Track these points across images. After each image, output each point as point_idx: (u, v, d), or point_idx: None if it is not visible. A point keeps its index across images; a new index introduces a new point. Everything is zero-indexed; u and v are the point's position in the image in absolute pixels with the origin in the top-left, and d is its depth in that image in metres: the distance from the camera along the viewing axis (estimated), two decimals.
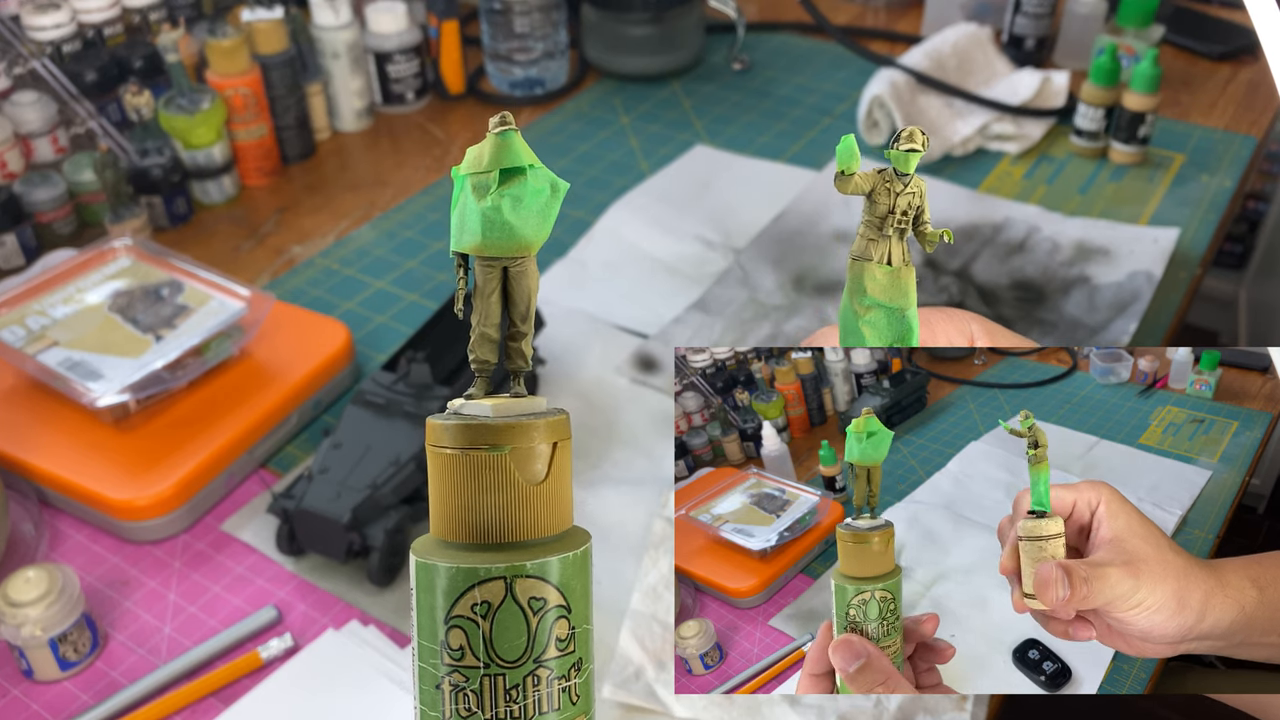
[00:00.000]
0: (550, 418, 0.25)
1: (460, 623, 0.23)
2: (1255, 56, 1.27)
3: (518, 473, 0.24)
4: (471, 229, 0.24)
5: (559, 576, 0.24)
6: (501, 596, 0.23)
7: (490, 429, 0.24)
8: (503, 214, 0.24)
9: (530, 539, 0.24)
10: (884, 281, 0.29)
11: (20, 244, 0.93)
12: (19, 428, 0.74)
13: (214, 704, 0.61)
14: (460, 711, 0.24)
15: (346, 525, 0.64)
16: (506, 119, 0.25)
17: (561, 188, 0.25)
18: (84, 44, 1.01)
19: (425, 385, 0.72)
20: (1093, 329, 0.86)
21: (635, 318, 0.89)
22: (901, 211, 0.29)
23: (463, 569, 0.23)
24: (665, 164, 1.10)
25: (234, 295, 0.80)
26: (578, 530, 0.26)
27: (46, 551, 0.70)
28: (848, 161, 0.28)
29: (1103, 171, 1.08)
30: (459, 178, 0.25)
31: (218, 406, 0.76)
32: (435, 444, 0.25)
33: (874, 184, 0.29)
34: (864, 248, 0.29)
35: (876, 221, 0.29)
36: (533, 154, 0.25)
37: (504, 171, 0.24)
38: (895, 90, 1.09)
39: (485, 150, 0.24)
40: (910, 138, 0.28)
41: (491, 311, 0.25)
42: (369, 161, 1.13)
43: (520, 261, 0.25)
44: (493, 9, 1.17)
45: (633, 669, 0.62)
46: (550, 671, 0.24)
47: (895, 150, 0.28)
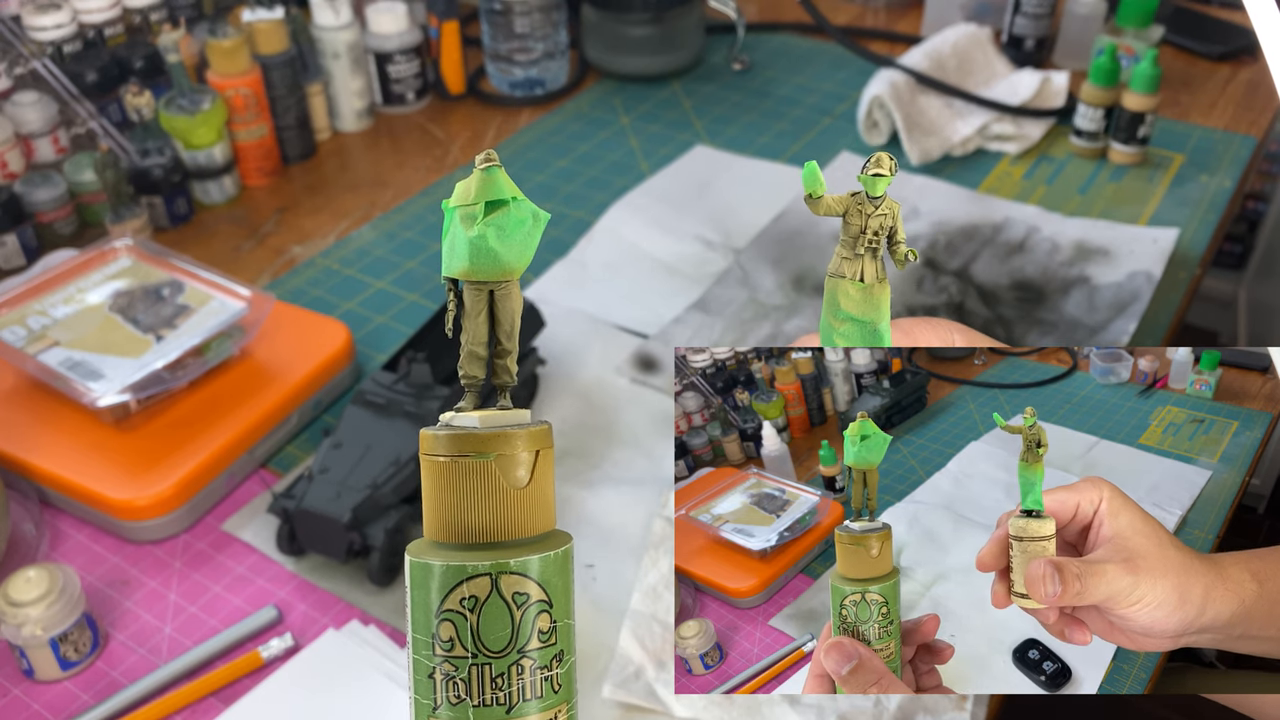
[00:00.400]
0: (532, 428, 0.27)
1: (450, 616, 0.26)
2: (1255, 57, 1.27)
3: (502, 478, 0.27)
4: (460, 255, 0.27)
5: (540, 573, 0.26)
6: (487, 592, 0.26)
7: (477, 438, 0.26)
8: (488, 242, 0.27)
9: (514, 539, 0.27)
10: (857, 297, 0.31)
11: (21, 244, 0.93)
12: (20, 428, 0.74)
13: (214, 704, 0.61)
14: (450, 699, 0.26)
15: (347, 525, 0.64)
16: (491, 156, 0.27)
17: (542, 218, 0.27)
18: (85, 44, 1.01)
19: (425, 385, 0.72)
20: (1092, 329, 0.86)
21: (635, 318, 0.89)
22: (873, 232, 0.30)
23: (452, 566, 0.26)
24: (665, 164, 1.10)
25: (234, 295, 0.80)
26: (559, 533, 0.28)
27: (47, 551, 0.70)
28: (813, 185, 0.30)
29: (1102, 172, 1.08)
30: (449, 210, 0.27)
31: (218, 406, 0.76)
32: (427, 453, 0.27)
33: (846, 206, 0.30)
34: (839, 265, 0.31)
35: (850, 241, 0.30)
36: (515, 187, 0.27)
37: (489, 204, 0.27)
38: (895, 91, 1.09)
39: (472, 184, 0.27)
40: (878, 163, 0.30)
41: (479, 331, 0.28)
42: (369, 162, 1.13)
43: (505, 285, 0.28)
44: (493, 9, 1.17)
45: (633, 669, 0.62)
46: (533, 661, 0.26)
47: (864, 175, 0.30)
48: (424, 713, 0.26)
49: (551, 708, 0.26)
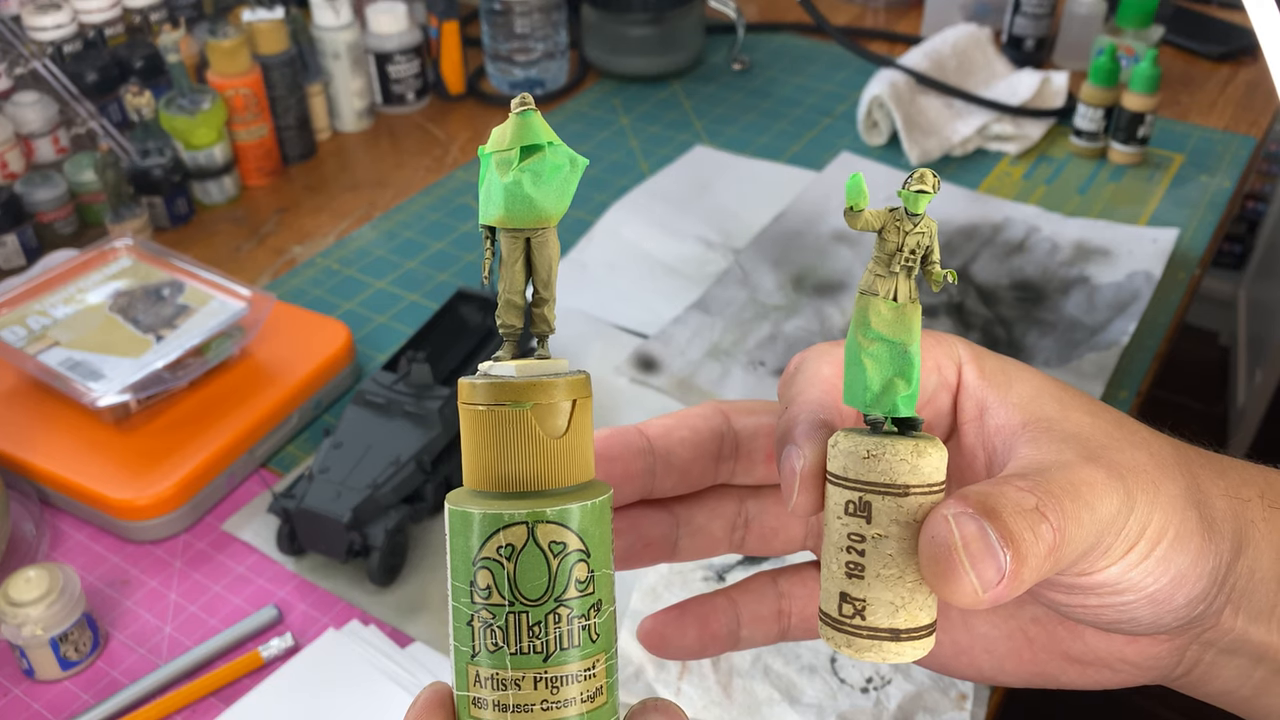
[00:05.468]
0: (570, 376, 0.27)
1: (487, 564, 0.26)
2: (1255, 57, 1.28)
3: (539, 427, 0.26)
4: (496, 203, 0.27)
5: (578, 523, 0.26)
6: (524, 540, 0.26)
7: (514, 387, 0.26)
8: (524, 188, 0.26)
9: (551, 488, 0.27)
10: (889, 317, 0.28)
11: (21, 244, 0.93)
12: (19, 428, 0.74)
13: (214, 703, 0.61)
14: (489, 646, 0.26)
15: (347, 525, 0.64)
16: (526, 100, 0.27)
17: (580, 163, 0.27)
18: (85, 44, 1.01)
19: (425, 385, 0.72)
20: (1092, 329, 0.87)
21: (635, 318, 0.89)
22: (910, 250, 0.28)
23: (489, 514, 0.26)
24: (665, 164, 1.10)
25: (235, 295, 0.80)
26: (598, 483, 0.28)
27: (47, 551, 0.70)
28: (856, 198, 0.28)
29: (1102, 172, 1.08)
30: (485, 155, 0.27)
31: (218, 406, 0.76)
32: (465, 401, 0.27)
33: (884, 222, 0.29)
34: (871, 282, 0.29)
35: (885, 258, 0.29)
36: (552, 132, 0.27)
37: (524, 149, 0.26)
38: (895, 91, 1.09)
39: (507, 130, 0.27)
40: (921, 179, 0.28)
41: (516, 279, 0.28)
42: (369, 162, 1.13)
43: (542, 233, 0.27)
44: (493, 9, 1.17)
45: (633, 669, 0.62)
46: (571, 610, 0.26)
47: (906, 190, 0.28)
48: (463, 660, 0.26)
49: (590, 657, 0.26)
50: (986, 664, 0.29)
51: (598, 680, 0.26)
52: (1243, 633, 0.26)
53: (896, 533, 0.26)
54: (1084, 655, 0.29)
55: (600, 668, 0.26)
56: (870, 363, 0.28)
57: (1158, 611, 0.24)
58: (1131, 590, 0.24)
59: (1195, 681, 0.29)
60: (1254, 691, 0.28)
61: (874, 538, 0.26)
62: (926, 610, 0.26)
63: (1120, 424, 0.25)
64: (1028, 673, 0.29)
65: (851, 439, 0.27)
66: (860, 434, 0.27)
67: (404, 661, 0.63)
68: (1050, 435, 0.25)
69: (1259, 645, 0.27)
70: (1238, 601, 0.25)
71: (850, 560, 0.26)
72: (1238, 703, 0.29)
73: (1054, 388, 0.27)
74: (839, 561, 0.27)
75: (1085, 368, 0.82)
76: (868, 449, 0.26)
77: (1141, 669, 0.29)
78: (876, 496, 0.26)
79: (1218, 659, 0.28)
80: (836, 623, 0.27)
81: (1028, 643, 0.29)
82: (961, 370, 0.29)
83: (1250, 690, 0.28)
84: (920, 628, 0.26)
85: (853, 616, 0.26)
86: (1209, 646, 0.28)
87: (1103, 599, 0.24)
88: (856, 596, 0.26)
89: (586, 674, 0.26)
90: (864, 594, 0.26)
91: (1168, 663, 0.29)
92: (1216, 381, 2.17)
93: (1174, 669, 0.29)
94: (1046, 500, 0.22)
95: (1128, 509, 0.23)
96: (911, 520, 0.26)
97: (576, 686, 0.26)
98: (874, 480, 0.26)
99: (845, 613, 0.27)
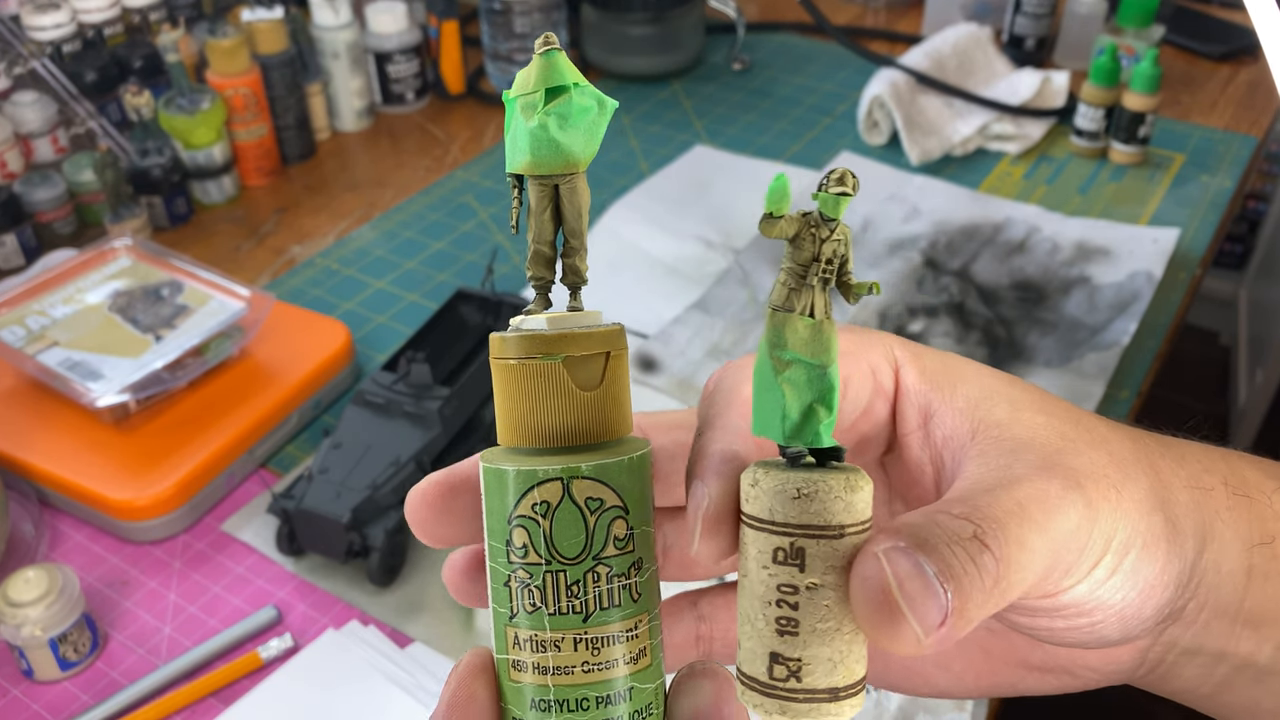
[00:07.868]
0: (604, 328, 0.26)
1: (523, 522, 0.25)
2: (1255, 56, 1.27)
3: (571, 381, 0.25)
4: (521, 149, 0.26)
5: (615, 479, 0.25)
6: (560, 496, 0.25)
7: (545, 339, 0.25)
8: (550, 132, 0.25)
9: (586, 444, 0.26)
10: (806, 335, 0.25)
11: (20, 244, 0.93)
12: (19, 428, 0.74)
13: (214, 704, 0.61)
14: (526, 607, 0.25)
15: (346, 525, 0.64)
16: (550, 39, 0.25)
17: (609, 105, 0.26)
18: (84, 44, 1.01)
19: (425, 385, 0.72)
20: (1093, 329, 0.86)
21: (635, 318, 0.89)
22: (826, 260, 0.25)
23: (523, 471, 0.25)
24: (665, 164, 1.10)
25: (234, 295, 0.80)
26: (637, 439, 0.27)
27: (46, 551, 0.70)
28: (777, 203, 0.25)
29: (1103, 171, 1.08)
30: (509, 100, 0.26)
31: (218, 406, 0.76)
32: (497, 356, 0.26)
33: (798, 228, 0.25)
34: (785, 297, 0.25)
35: (799, 269, 0.25)
36: (578, 73, 0.25)
37: (549, 90, 0.25)
38: (895, 90, 1.09)
39: (531, 72, 0.25)
40: (840, 180, 0.25)
41: (545, 228, 0.27)
42: (369, 161, 1.13)
43: (570, 179, 0.26)
44: (493, 9, 1.17)
45: None
46: (610, 569, 0.25)
47: (824, 193, 0.25)
48: (501, 621, 0.25)
49: (631, 617, 0.25)
50: (942, 680, 0.29)
51: (641, 641, 0.25)
52: (1205, 630, 0.26)
53: (833, 580, 0.23)
54: (1044, 663, 0.28)
55: (644, 629, 0.25)
56: (788, 388, 0.25)
57: (1126, 626, 0.23)
58: (1101, 609, 0.22)
59: (1157, 680, 0.28)
60: (1215, 689, 0.27)
61: (809, 588, 0.23)
62: (861, 662, 0.23)
63: (1076, 422, 0.24)
64: (987, 684, 0.29)
65: (774, 476, 0.24)
66: (780, 469, 0.24)
67: (403, 662, 0.62)
68: (1000, 445, 0.23)
69: (1221, 642, 0.26)
70: (1202, 599, 0.25)
71: (781, 615, 0.23)
72: (1199, 700, 0.28)
73: (1003, 386, 0.25)
74: (766, 618, 0.23)
75: (1086, 368, 0.82)
76: (797, 488, 0.23)
77: (1103, 673, 0.29)
78: (811, 541, 0.23)
79: (1180, 659, 0.27)
80: (767, 688, 0.23)
81: (985, 655, 0.29)
82: (899, 373, 0.26)
83: (1211, 688, 0.27)
84: (857, 682, 0.23)
85: (786, 679, 0.23)
86: (1171, 646, 0.27)
87: (1069, 620, 0.23)
88: (791, 656, 0.23)
89: (629, 635, 0.25)
90: (799, 653, 0.23)
91: (1129, 665, 0.28)
92: (1217, 381, 2.17)
93: (1136, 670, 0.28)
94: (986, 526, 0.20)
95: (1090, 521, 0.21)
96: (846, 564, 0.23)
97: (619, 648, 0.25)
98: (808, 523, 0.23)
99: (778, 675, 0.23)
